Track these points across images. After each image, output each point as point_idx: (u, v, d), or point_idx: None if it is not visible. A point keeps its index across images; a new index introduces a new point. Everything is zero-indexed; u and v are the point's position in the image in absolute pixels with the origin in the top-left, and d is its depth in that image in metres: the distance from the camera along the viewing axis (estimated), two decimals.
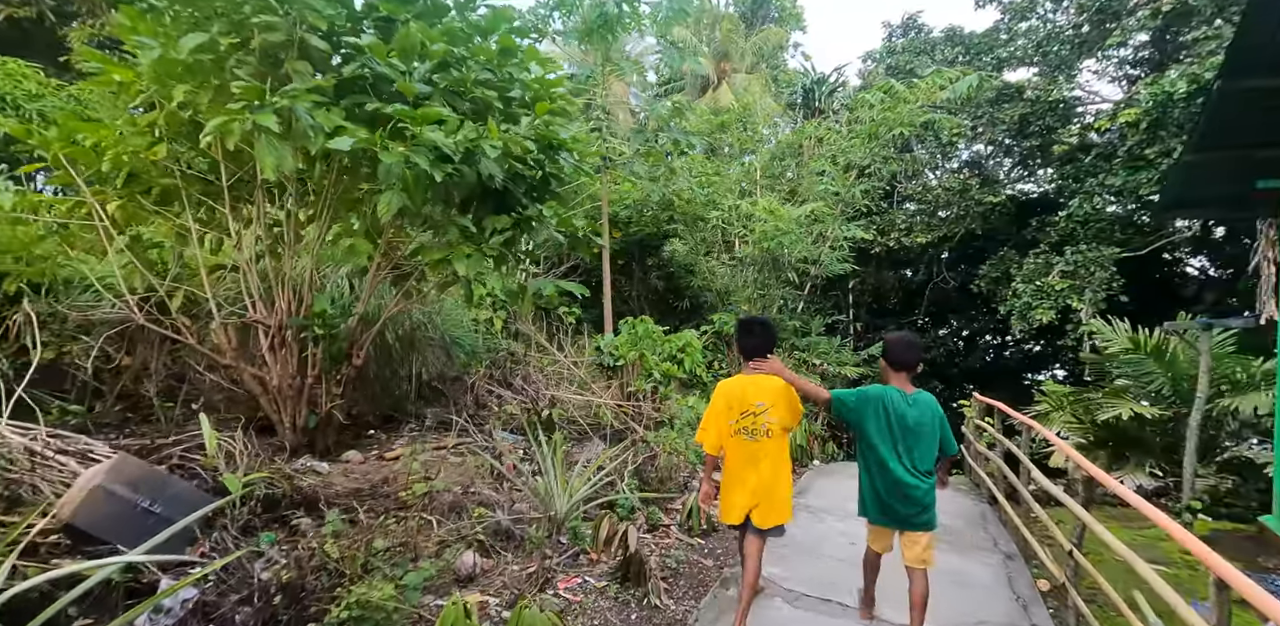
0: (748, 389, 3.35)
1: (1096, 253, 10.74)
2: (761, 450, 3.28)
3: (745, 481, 3.29)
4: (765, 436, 3.28)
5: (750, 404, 3.31)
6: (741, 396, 3.35)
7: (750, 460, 3.30)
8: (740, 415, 3.32)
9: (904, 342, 3.38)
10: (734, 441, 3.33)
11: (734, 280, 11.97)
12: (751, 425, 3.29)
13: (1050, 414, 8.19)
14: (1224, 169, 5.78)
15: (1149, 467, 7.04)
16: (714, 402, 3.44)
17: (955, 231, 14.31)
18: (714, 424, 3.40)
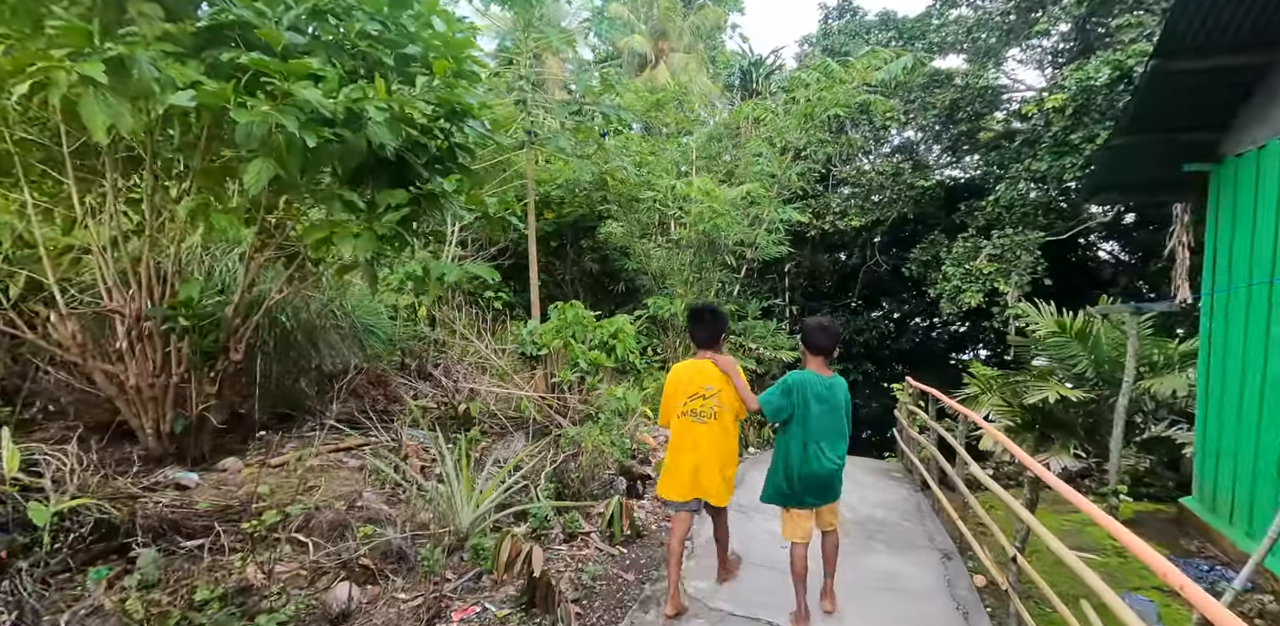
0: (697, 373, 3.39)
1: (1022, 237, 10.80)
2: (707, 433, 3.35)
3: (684, 464, 3.37)
4: (713, 419, 3.35)
5: (699, 387, 3.36)
6: (690, 380, 3.39)
7: (692, 442, 3.36)
8: (689, 398, 3.37)
9: (821, 328, 3.42)
10: (680, 422, 3.39)
11: (670, 263, 11.58)
12: (700, 408, 3.35)
13: (979, 396, 8.14)
14: (1151, 152, 5.67)
15: (1073, 449, 7.03)
16: (667, 385, 3.49)
17: (888, 215, 14.29)
18: (667, 406, 3.47)
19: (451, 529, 3.54)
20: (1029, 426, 7.28)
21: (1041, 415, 7.16)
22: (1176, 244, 8.62)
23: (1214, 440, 5.13)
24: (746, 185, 10.20)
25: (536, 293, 8.25)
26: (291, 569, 3.00)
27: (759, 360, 11.45)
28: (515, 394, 6.05)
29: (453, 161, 4.62)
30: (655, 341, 11.27)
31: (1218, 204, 5.41)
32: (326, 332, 7.23)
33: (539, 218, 12.71)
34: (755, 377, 12.00)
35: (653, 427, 8.42)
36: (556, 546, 3.87)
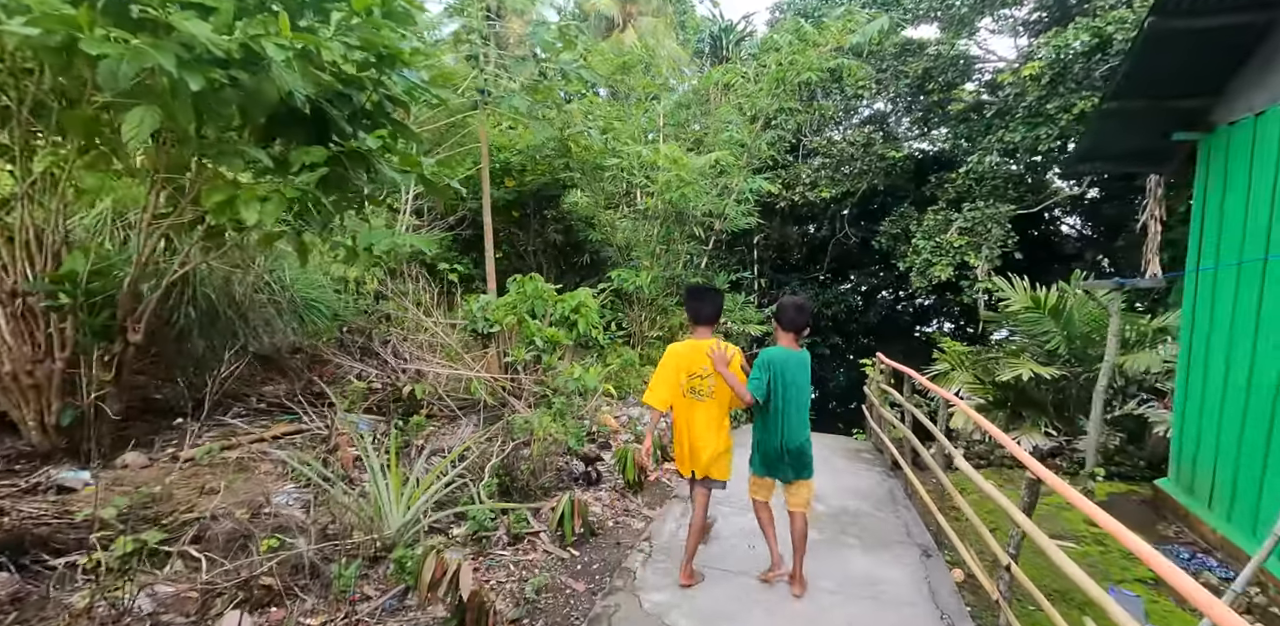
0: (695, 353, 3.45)
1: (993, 209, 10.54)
2: (703, 410, 3.45)
3: (684, 441, 3.51)
4: (709, 397, 3.44)
5: (697, 368, 3.43)
6: (690, 359, 3.45)
7: (688, 419, 3.47)
8: (688, 377, 3.44)
9: (795, 306, 3.49)
10: (682, 402, 3.47)
11: (636, 234, 11.07)
12: (698, 386, 3.44)
13: (950, 373, 7.91)
14: (1140, 120, 5.32)
15: (1043, 427, 6.84)
16: (664, 364, 3.51)
17: (858, 187, 13.92)
18: (664, 383, 3.48)
19: (377, 536, 3.10)
20: (1001, 404, 7.06)
21: (1014, 392, 6.94)
22: (1149, 218, 8.38)
23: (1194, 421, 4.91)
24: (715, 153, 9.68)
25: (492, 264, 7.71)
26: (180, 591, 2.53)
27: (726, 334, 11.10)
28: (464, 374, 5.57)
29: (385, 117, 4.04)
30: (620, 315, 10.82)
31: (1207, 175, 5.10)
32: (262, 308, 6.64)
33: (499, 186, 12.06)
34: None
35: (617, 407, 8.03)
36: (499, 551, 3.46)
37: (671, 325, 10.48)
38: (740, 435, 4.30)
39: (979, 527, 3.87)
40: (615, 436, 6.21)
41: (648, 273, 10.36)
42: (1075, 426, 7.07)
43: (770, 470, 3.52)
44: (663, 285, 11.03)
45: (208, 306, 5.97)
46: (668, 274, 11.01)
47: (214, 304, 5.99)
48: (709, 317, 3.55)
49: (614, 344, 9.14)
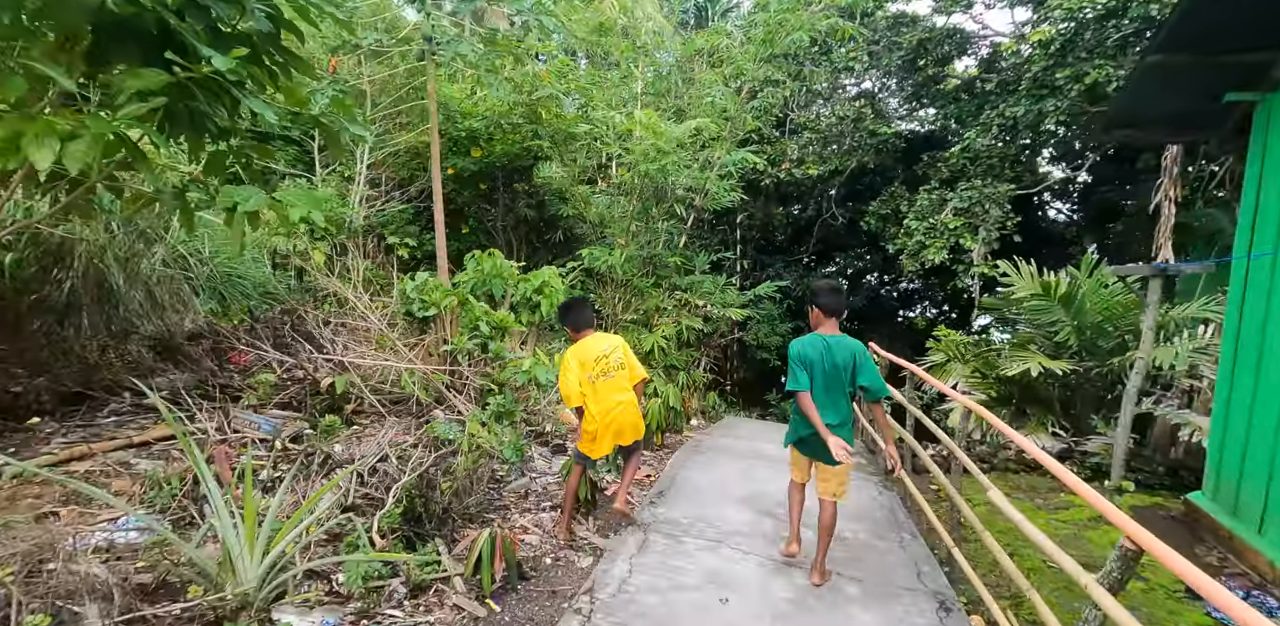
0: (591, 344, 3.81)
1: (991, 189, 9.75)
2: (615, 384, 3.74)
3: (600, 415, 3.70)
4: (620, 369, 3.77)
5: (595, 354, 3.75)
6: (585, 353, 3.77)
7: (608, 394, 3.72)
8: (595, 360, 3.73)
9: (831, 288, 3.50)
10: (592, 387, 3.71)
11: (612, 210, 10.14)
12: (605, 368, 3.72)
13: (947, 365, 7.16)
14: (1188, 76, 4.50)
15: (1050, 427, 6.12)
16: (562, 373, 3.77)
17: (847, 164, 13.07)
18: (568, 387, 3.73)
19: (224, 593, 2.25)
20: (1005, 401, 6.34)
21: (1018, 388, 6.21)
22: (1162, 199, 7.65)
23: (1240, 429, 4.18)
24: (696, 121, 8.75)
25: (443, 239, 6.78)
26: None
27: (706, 318, 10.28)
28: (391, 366, 4.68)
29: (267, 42, 3.08)
30: (592, 296, 9.95)
31: (1265, 144, 4.30)
32: (175, 285, 5.68)
33: (463, 155, 11.05)
34: (702, 336, 10.89)
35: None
36: (391, 611, 2.62)
37: (647, 308, 9.64)
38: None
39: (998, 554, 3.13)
40: (574, 435, 5.40)
41: (622, 251, 9.47)
42: (1085, 426, 6.37)
43: (807, 448, 3.49)
44: (639, 265, 10.15)
45: (101, 282, 5.02)
46: (645, 253, 10.13)
47: (108, 279, 5.03)
48: (586, 323, 3.98)
49: None
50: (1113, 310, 6.37)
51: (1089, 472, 5.66)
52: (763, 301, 12.32)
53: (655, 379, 8.98)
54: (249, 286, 6.59)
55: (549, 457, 4.71)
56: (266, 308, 6.19)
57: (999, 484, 5.56)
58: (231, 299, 6.31)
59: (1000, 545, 3.81)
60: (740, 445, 6.23)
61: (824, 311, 3.48)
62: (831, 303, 3.47)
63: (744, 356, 13.55)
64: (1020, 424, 6.30)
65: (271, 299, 6.75)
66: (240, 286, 6.52)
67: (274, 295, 6.83)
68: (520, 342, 7.86)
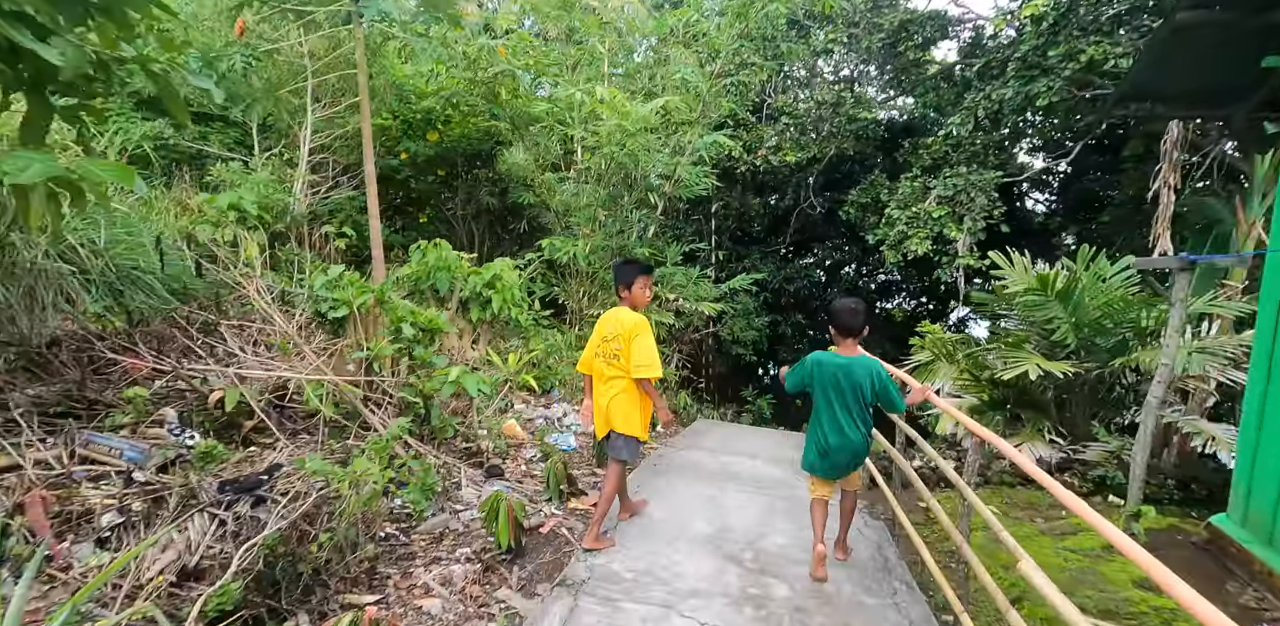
0: (607, 320, 3.64)
1: (977, 176, 9.14)
2: (608, 372, 3.55)
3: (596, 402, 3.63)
4: (614, 360, 3.52)
5: (605, 332, 3.59)
6: (606, 323, 3.62)
7: (603, 381, 3.59)
8: (601, 340, 3.61)
9: (848, 310, 3.40)
10: (598, 363, 3.61)
11: (578, 198, 9.37)
12: (607, 350, 3.55)
13: (932, 364, 6.55)
14: (1219, 39, 3.87)
15: (1047, 433, 5.53)
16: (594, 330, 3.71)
17: (826, 151, 12.41)
18: (588, 347, 3.75)
19: None
20: (999, 405, 5.73)
21: (1013, 392, 5.61)
22: (1161, 186, 7.08)
23: (1275, 442, 3.59)
24: (664, 98, 8.00)
25: (377, 226, 6.00)
26: None
27: (678, 313, 9.60)
28: (290, 377, 3.91)
29: None
30: (556, 289, 9.21)
31: None
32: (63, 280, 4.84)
33: (419, 139, 10.21)
34: (674, 332, 10.20)
35: (535, 405, 6.47)
36: None
37: (613, 302, 8.91)
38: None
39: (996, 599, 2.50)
40: (517, 453, 4.67)
41: (586, 241, 8.73)
42: (1081, 430, 5.79)
43: (828, 469, 3.45)
44: (606, 256, 9.42)
45: None
46: (612, 244, 9.39)
47: None
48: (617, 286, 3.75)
49: (538, 325, 7.54)
50: (1112, 306, 5.77)
51: (1090, 486, 5.09)
52: (738, 294, 11.67)
53: None
54: (153, 282, 5.74)
55: (479, 484, 3.98)
56: (169, 308, 5.36)
57: (994, 500, 4.97)
58: (132, 296, 5.46)
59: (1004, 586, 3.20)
60: (709, 462, 5.52)
61: (840, 331, 3.39)
62: (848, 322, 3.36)
63: (720, 351, 12.92)
64: (1014, 430, 5.71)
65: (184, 296, 5.92)
66: (144, 282, 5.68)
67: (188, 292, 6.00)
68: (472, 342, 7.11)
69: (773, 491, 4.71)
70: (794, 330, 13.65)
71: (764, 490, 4.75)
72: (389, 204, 12.07)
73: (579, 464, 4.88)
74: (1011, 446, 3.26)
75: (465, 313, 6.90)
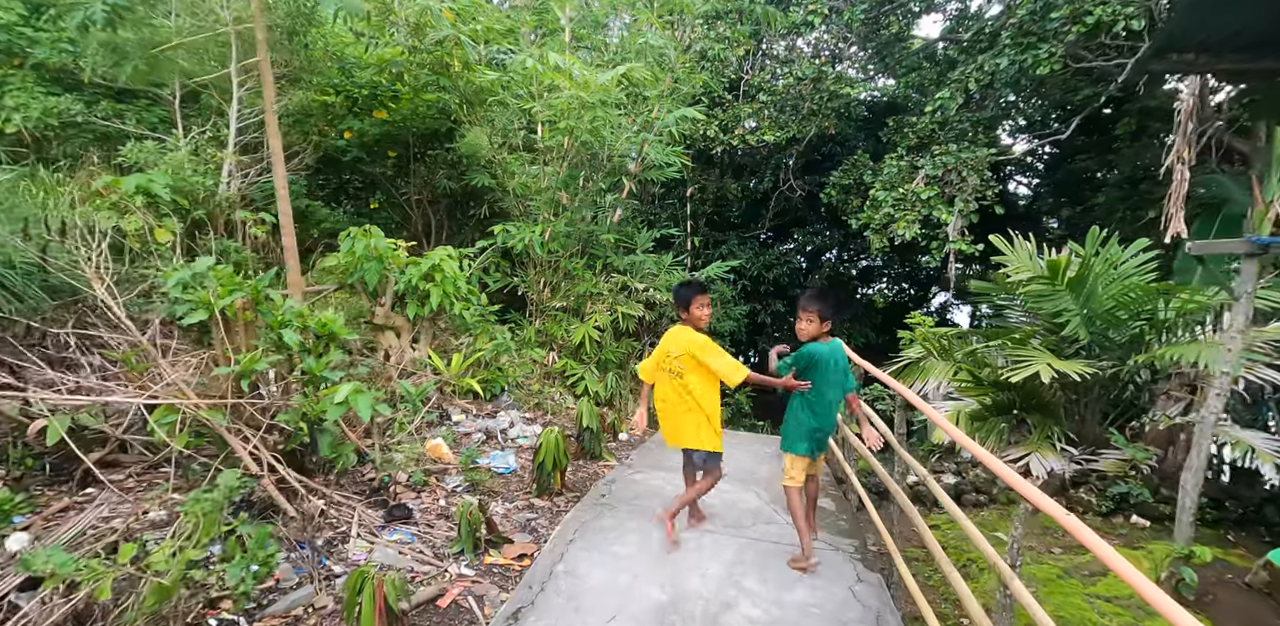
0: (670, 338, 3.63)
1: (969, 153, 8.35)
2: (669, 388, 3.56)
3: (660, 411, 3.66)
4: (677, 376, 3.53)
5: (669, 348, 3.59)
6: (671, 341, 3.61)
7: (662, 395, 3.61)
8: (664, 356, 3.61)
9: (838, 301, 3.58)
10: (659, 376, 3.65)
11: (538, 180, 8.46)
12: (671, 366, 3.56)
13: (924, 362, 5.79)
14: None
15: (1057, 440, 4.80)
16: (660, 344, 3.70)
17: (806, 131, 11.55)
18: (651, 359, 3.78)
19: None
20: (1003, 409, 4.99)
21: (1020, 393, 4.86)
22: (1175, 161, 6.33)
23: None
24: (626, 65, 7.09)
25: (287, 209, 5.09)
26: None
27: (649, 304, 8.76)
28: (119, 400, 3.02)
29: None
30: (516, 280, 8.32)
31: None
32: None
33: (363, 117, 9.23)
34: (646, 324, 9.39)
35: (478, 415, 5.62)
36: None
37: (578, 293, 8.06)
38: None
39: None
40: (438, 484, 3.83)
41: (545, 226, 7.85)
42: (1094, 437, 5.08)
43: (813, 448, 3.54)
44: (572, 243, 8.55)
45: None
46: (577, 230, 8.52)
47: None
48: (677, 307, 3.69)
49: (486, 321, 6.66)
50: (1128, 295, 5.03)
51: (1110, 504, 4.37)
52: (715, 283, 10.86)
53: (585, 378, 7.48)
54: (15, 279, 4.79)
55: (375, 533, 3.13)
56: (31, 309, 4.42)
57: (1003, 525, 4.22)
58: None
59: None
60: (670, 489, 4.42)
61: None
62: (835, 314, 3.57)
63: None
64: (1019, 438, 4.97)
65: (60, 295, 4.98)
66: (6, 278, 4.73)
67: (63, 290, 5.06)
68: (412, 341, 6.24)
69: (746, 531, 3.86)
70: (773, 319, 12.89)
71: (735, 529, 3.87)
72: (336, 188, 11.08)
73: (514, 490, 4.04)
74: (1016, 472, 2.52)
75: (402, 308, 6.02)
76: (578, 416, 4.79)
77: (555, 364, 7.52)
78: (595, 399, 7.39)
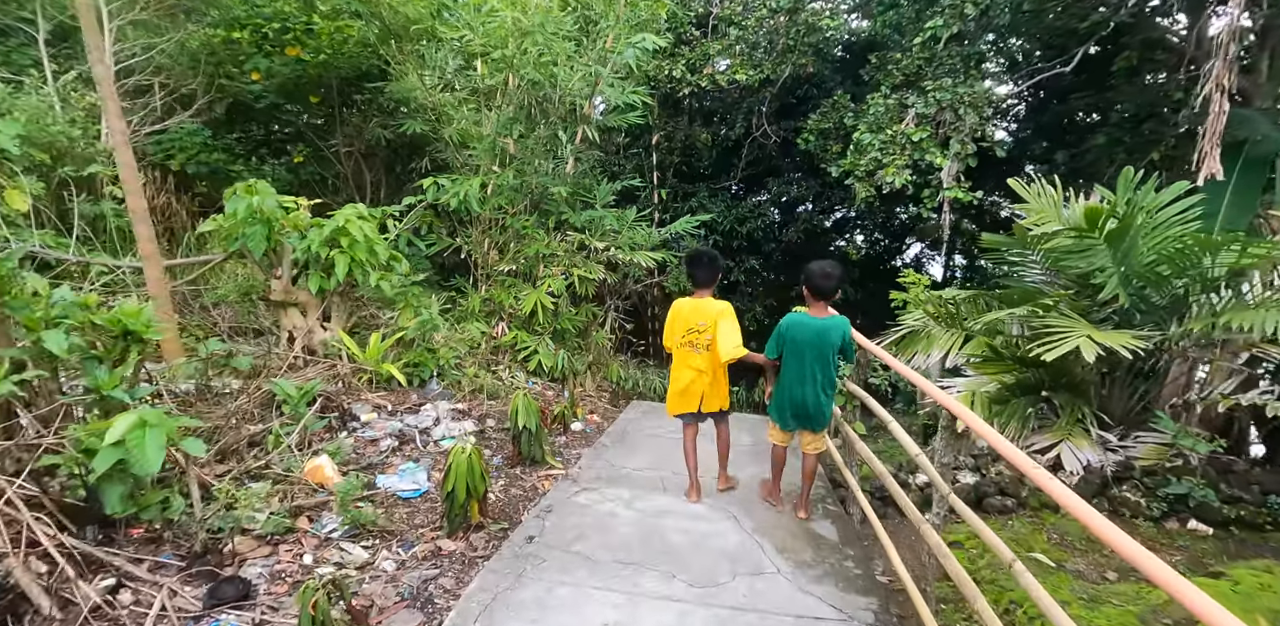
0: (695, 311, 3.60)
1: (967, 88, 7.18)
2: (701, 360, 3.57)
3: (683, 382, 3.62)
4: (705, 350, 3.55)
5: (694, 323, 3.57)
6: (690, 315, 3.60)
7: (691, 367, 3.60)
8: (686, 331, 3.59)
9: (824, 273, 3.32)
10: (680, 351, 3.65)
11: (479, 126, 7.11)
12: (695, 340, 3.57)
13: (925, 332, 4.79)
14: None
15: (1090, 424, 3.89)
16: (669, 318, 3.73)
17: (781, 70, 10.18)
18: (668, 333, 3.73)
19: None
20: (1029, 388, 4.05)
21: (1050, 371, 3.91)
22: (1213, 89, 5.27)
23: None
24: None
25: (128, 157, 3.81)
26: None
27: (611, 265, 7.63)
28: None
29: None
30: (459, 241, 7.09)
31: None
32: None
33: (273, 55, 7.73)
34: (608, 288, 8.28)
35: (398, 407, 4.52)
36: None
37: (529, 254, 6.87)
38: None
39: None
40: (306, 528, 2.77)
41: (485, 179, 6.59)
42: (1124, 414, 4.19)
43: (787, 423, 3.50)
44: (520, 198, 7.30)
45: None
46: (527, 182, 7.25)
47: None
48: (705, 281, 3.64)
49: (410, 295, 5.47)
50: (1171, 247, 4.06)
51: (1164, 507, 3.49)
52: (684, 238, 9.73)
53: (539, 351, 6.41)
54: None
55: None
56: None
57: (1036, 538, 3.32)
58: None
59: None
60: (625, 517, 3.38)
61: (814, 294, 3.34)
62: (822, 286, 3.30)
63: (667, 303, 11.07)
64: (1045, 422, 4.06)
65: None
66: None
67: None
68: (322, 320, 5.06)
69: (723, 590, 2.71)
70: (748, 276, 11.84)
71: (707, 589, 2.72)
72: (260, 142, 9.55)
73: (420, 524, 2.99)
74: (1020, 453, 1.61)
75: (303, 280, 4.82)
76: (512, 413, 3.73)
77: (504, 336, 6.43)
78: (553, 374, 6.37)
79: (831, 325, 3.29)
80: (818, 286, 3.29)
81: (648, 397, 7.16)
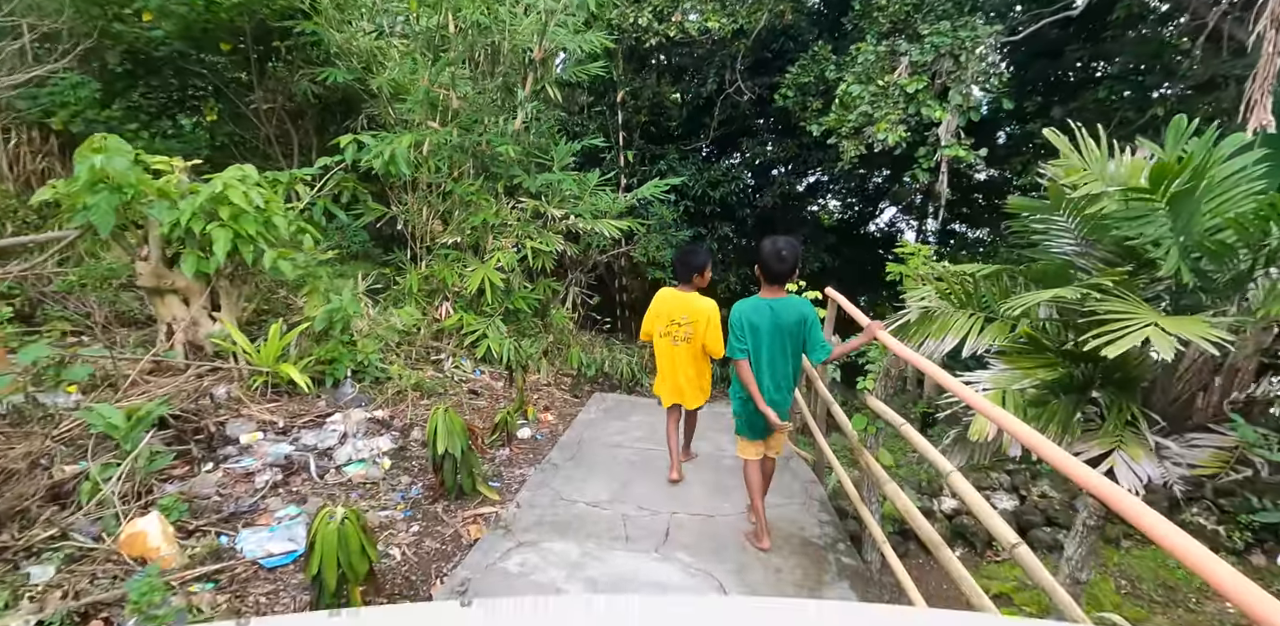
0: (678, 304, 3.53)
1: (969, 32, 6.18)
2: (679, 353, 3.55)
3: (666, 374, 3.63)
4: (684, 342, 3.53)
5: (676, 315, 3.52)
6: (672, 307, 3.54)
7: (671, 359, 3.58)
8: (669, 323, 3.54)
9: (776, 255, 2.79)
10: (661, 342, 3.61)
11: (415, 75, 5.90)
12: (674, 332, 3.53)
13: (935, 315, 3.93)
14: None
15: (1146, 432, 3.11)
16: (651, 308, 3.69)
17: (756, 19, 9.02)
18: (647, 323, 3.70)
19: None
20: (1078, 386, 3.24)
21: (1101, 367, 3.09)
22: (1269, 24, 4.38)
23: None
24: None
25: None
26: None
27: (572, 235, 6.61)
28: None
29: None
30: (393, 209, 5.97)
31: None
32: None
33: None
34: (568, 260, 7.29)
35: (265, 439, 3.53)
36: None
37: (476, 224, 5.81)
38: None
39: None
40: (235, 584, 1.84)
41: (424, 136, 5.47)
42: (1174, 417, 3.43)
43: (754, 431, 3.02)
44: (463, 159, 6.18)
45: None
46: (469, 141, 6.12)
47: None
48: (688, 273, 3.57)
49: (315, 276, 4.39)
50: (1238, 209, 3.25)
51: (1249, 536, 2.75)
52: (652, 204, 8.72)
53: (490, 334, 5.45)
54: None
55: None
56: None
57: (1102, 589, 2.55)
58: None
59: None
60: (572, 588, 2.45)
61: (767, 278, 2.86)
62: (776, 269, 2.80)
63: (635, 274, 10.10)
64: (1090, 427, 3.27)
65: None
66: None
67: None
68: (209, 308, 4.00)
69: None
70: (720, 243, 10.89)
71: None
72: (169, 99, 8.11)
73: (285, 610, 2.07)
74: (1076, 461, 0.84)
75: (178, 261, 3.74)
76: (430, 435, 2.79)
77: (448, 318, 5.44)
78: (505, 362, 5.42)
79: (786, 305, 2.82)
80: (772, 270, 2.81)
81: (614, 383, 6.27)
